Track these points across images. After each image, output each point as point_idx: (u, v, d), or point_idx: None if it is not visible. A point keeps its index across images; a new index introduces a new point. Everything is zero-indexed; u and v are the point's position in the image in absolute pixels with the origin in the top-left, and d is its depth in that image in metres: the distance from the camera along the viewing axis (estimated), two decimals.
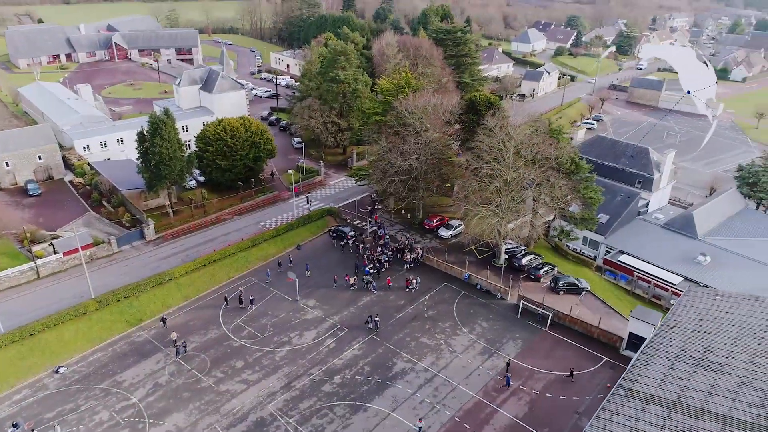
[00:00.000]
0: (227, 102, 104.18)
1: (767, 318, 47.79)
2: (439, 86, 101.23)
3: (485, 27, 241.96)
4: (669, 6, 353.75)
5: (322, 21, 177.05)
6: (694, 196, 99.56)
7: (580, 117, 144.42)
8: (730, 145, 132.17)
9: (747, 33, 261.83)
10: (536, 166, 68.18)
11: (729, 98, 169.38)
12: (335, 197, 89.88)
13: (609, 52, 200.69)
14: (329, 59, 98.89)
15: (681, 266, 71.35)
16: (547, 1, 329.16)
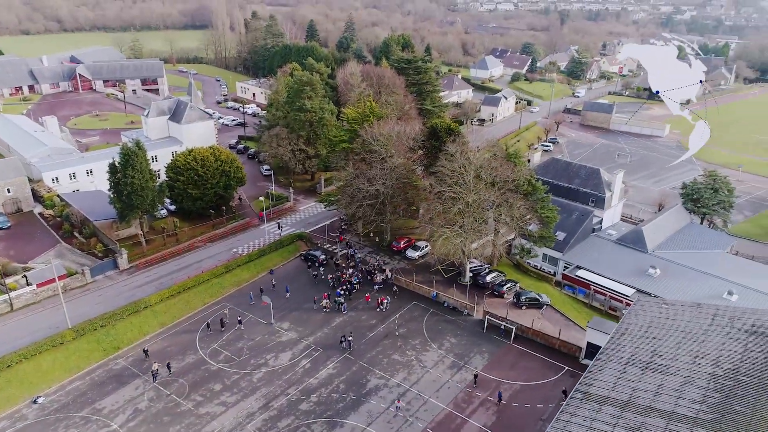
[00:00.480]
0: (196, 132, 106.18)
1: (707, 323, 52.40)
2: (402, 113, 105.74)
3: (445, 54, 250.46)
4: (618, 32, 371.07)
5: (287, 51, 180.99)
6: (645, 213, 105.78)
7: (537, 140, 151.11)
8: (677, 164, 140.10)
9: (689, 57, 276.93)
10: (495, 189, 72.49)
11: (675, 119, 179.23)
12: (305, 222, 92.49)
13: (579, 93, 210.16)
14: (296, 89, 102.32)
15: (633, 279, 76.20)
16: (503, 29, 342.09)
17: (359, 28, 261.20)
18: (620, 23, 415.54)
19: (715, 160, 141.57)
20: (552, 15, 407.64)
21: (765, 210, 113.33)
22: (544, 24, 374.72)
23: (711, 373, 44.88)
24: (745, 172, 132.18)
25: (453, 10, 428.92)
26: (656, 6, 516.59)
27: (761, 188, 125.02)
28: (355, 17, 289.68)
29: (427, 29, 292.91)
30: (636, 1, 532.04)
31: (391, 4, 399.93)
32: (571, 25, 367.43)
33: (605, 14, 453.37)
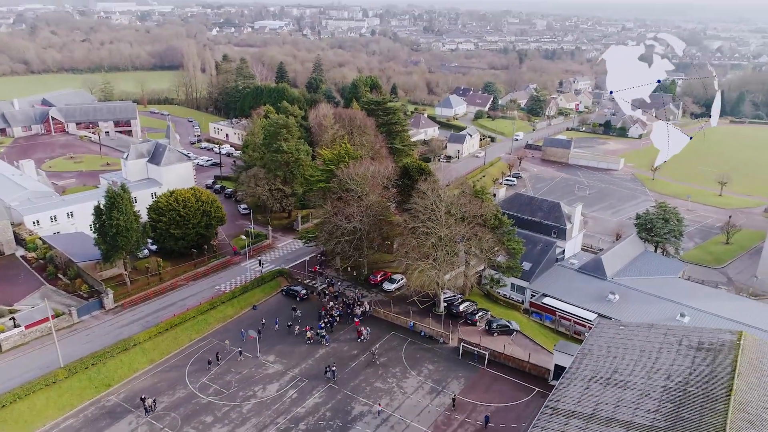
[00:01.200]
0: (175, 173, 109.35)
1: (660, 341, 58.01)
2: (374, 153, 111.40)
3: (410, 93, 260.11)
4: (573, 70, 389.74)
5: (258, 92, 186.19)
6: (603, 242, 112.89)
7: (502, 175, 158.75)
8: (632, 195, 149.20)
9: None
10: (465, 223, 77.91)
11: (628, 153, 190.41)
12: (284, 258, 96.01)
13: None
14: (273, 132, 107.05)
15: (595, 304, 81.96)
16: (465, 68, 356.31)
17: (327, 68, 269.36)
18: (575, 62, 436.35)
19: (665, 191, 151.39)
20: (511, 54, 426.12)
21: (713, 237, 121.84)
22: (503, 63, 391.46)
23: (664, 386, 50.13)
24: (694, 202, 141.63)
25: (416, 49, 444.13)
26: (608, 45, 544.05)
27: (709, 217, 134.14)
28: (323, 57, 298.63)
29: (393, 69, 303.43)
30: (588, 41, 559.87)
31: (356, 45, 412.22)
32: (529, 64, 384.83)
33: (561, 53, 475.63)
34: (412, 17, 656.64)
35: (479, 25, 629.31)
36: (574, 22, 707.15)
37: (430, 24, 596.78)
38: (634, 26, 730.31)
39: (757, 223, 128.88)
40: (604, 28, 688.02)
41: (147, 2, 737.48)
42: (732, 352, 53.24)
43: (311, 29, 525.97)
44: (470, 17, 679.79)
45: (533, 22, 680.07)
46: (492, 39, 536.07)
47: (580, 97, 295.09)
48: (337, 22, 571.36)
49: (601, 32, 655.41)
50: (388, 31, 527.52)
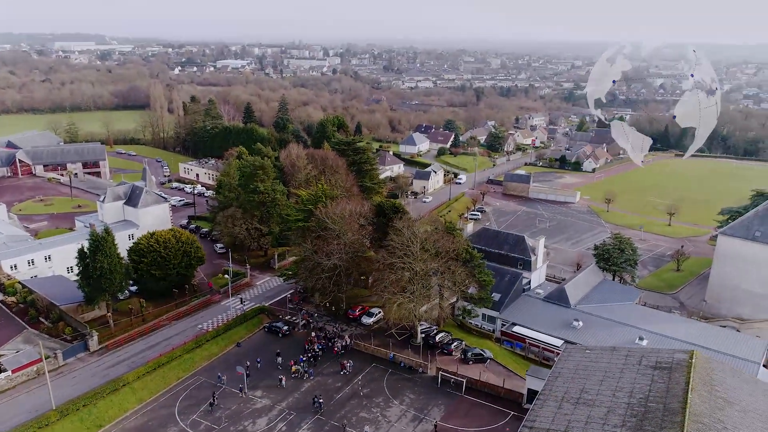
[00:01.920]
0: (152, 215, 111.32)
1: (622, 362, 63.55)
2: (346, 192, 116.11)
3: (374, 131, 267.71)
4: (528, 107, 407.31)
5: (227, 132, 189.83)
6: (565, 272, 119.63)
7: (467, 210, 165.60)
8: (589, 227, 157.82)
9: (591, 130, 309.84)
10: (439, 258, 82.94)
11: (584, 186, 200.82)
12: (264, 296, 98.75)
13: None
14: (249, 173, 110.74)
15: (561, 331, 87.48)
16: (426, 105, 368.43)
17: (292, 107, 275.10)
18: (529, 99, 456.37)
19: (619, 222, 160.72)
20: (468, 92, 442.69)
21: (665, 265, 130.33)
22: (462, 100, 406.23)
23: (627, 403, 55.33)
24: (646, 232, 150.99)
25: (377, 87, 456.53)
26: (559, 83, 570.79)
27: (661, 246, 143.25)
28: (287, 96, 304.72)
29: (356, 107, 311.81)
30: (541, 79, 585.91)
31: (318, 83, 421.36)
32: (486, 101, 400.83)
33: (515, 90, 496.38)
34: (371, 56, 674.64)
35: (437, 63, 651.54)
36: (526, 61, 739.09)
37: (390, 63, 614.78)
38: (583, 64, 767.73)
39: (704, 250, 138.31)
40: (555, 66, 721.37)
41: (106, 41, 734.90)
42: (685, 370, 59.05)
43: (273, 68, 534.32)
44: (428, 56, 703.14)
45: (488, 60, 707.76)
46: (449, 77, 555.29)
47: (536, 132, 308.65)
48: (299, 61, 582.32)
49: (552, 70, 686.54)
50: (349, 70, 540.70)
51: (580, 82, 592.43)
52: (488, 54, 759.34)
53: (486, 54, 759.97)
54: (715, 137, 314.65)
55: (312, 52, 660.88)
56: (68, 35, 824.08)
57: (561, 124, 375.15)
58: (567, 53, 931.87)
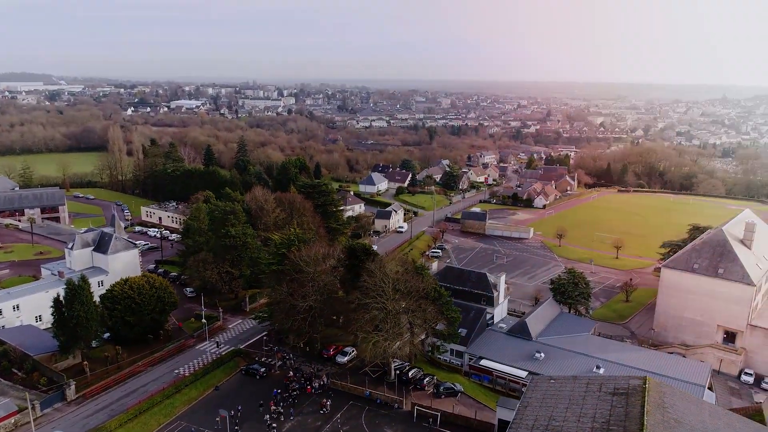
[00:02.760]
0: (121, 261, 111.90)
1: (584, 390, 69.20)
2: (314, 233, 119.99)
3: (333, 171, 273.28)
4: (479, 145, 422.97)
5: (188, 175, 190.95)
6: (525, 306, 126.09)
7: (428, 247, 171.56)
8: (544, 262, 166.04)
9: (539, 168, 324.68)
10: (410, 297, 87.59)
11: (536, 222, 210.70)
12: (238, 338, 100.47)
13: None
14: (220, 218, 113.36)
15: (525, 363, 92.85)
16: (381, 145, 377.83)
17: (250, 148, 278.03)
18: (479, 137, 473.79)
19: (571, 256, 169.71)
20: (421, 131, 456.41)
21: (615, 296, 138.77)
22: (415, 139, 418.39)
23: (591, 427, 60.72)
24: (596, 265, 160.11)
25: (333, 127, 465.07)
26: (506, 122, 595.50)
27: (610, 278, 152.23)
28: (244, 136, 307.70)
29: (314, 147, 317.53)
30: (489, 118, 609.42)
31: (274, 124, 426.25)
32: (439, 140, 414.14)
33: (466, 129, 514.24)
34: (325, 96, 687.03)
35: (389, 103, 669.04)
36: (475, 100, 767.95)
37: (344, 103, 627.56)
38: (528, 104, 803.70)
39: (650, 281, 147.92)
40: (502, 105, 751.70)
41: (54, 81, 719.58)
42: (640, 395, 65.15)
43: (229, 108, 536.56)
44: (380, 96, 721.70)
45: (438, 100, 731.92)
46: (402, 116, 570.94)
47: (488, 170, 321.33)
48: (254, 101, 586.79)
49: (499, 109, 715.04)
50: (304, 110, 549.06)
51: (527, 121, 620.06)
52: (439, 94, 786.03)
53: (436, 94, 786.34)
54: (653, 173, 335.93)
55: (266, 92, 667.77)
56: (14, 75, 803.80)
57: (511, 162, 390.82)
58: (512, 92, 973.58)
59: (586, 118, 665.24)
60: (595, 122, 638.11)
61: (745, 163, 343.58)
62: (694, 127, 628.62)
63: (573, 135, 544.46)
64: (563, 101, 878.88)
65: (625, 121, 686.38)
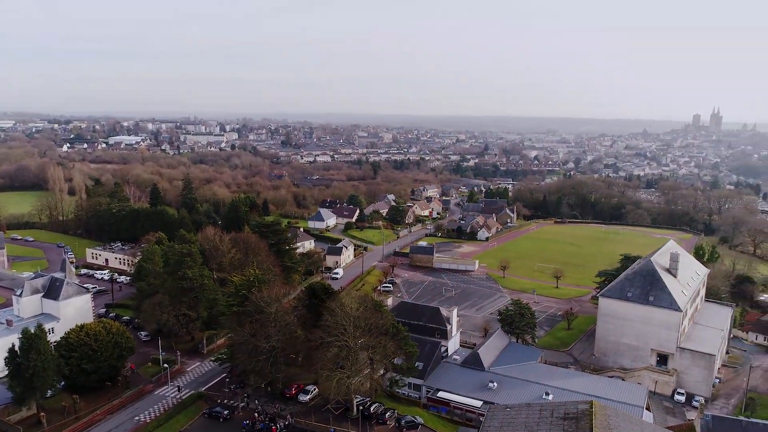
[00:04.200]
0: (73, 307, 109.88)
1: (537, 416, 74.57)
2: (272, 273, 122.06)
3: (281, 208, 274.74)
4: (421, 179, 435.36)
5: (135, 215, 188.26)
6: (475, 338, 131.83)
7: (379, 282, 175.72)
8: (490, 293, 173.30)
9: (481, 201, 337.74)
10: (370, 334, 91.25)
11: (480, 254, 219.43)
12: (198, 381, 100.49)
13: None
14: (176, 260, 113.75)
15: (479, 393, 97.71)
16: (327, 180, 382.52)
17: (196, 185, 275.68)
18: (421, 171, 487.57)
19: (515, 287, 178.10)
20: (365, 166, 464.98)
21: (557, 324, 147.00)
22: (360, 174, 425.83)
23: None
24: (539, 295, 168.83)
25: (277, 162, 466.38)
26: (447, 156, 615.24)
27: (552, 307, 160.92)
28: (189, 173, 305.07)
29: (260, 184, 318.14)
30: (430, 152, 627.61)
31: (218, 159, 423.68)
32: (383, 175, 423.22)
33: (408, 163, 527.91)
34: (268, 131, 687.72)
35: (332, 138, 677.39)
36: (415, 135, 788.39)
37: (288, 138, 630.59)
38: (466, 137, 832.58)
39: (588, 309, 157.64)
40: (441, 139, 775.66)
41: None
42: (588, 419, 71.10)
43: (170, 144, 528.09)
44: (323, 131, 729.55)
45: (380, 135, 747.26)
46: (346, 151, 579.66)
47: (432, 204, 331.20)
48: (196, 137, 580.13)
49: (439, 143, 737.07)
50: (247, 145, 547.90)
51: (465, 155, 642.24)
52: (380, 128, 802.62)
53: (378, 128, 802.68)
54: (585, 204, 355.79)
55: (208, 128, 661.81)
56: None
57: (453, 195, 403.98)
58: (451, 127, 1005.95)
59: (521, 152, 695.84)
60: (530, 155, 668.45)
61: (666, 194, 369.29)
62: (619, 159, 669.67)
63: (510, 168, 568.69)
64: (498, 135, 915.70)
65: (557, 154, 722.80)
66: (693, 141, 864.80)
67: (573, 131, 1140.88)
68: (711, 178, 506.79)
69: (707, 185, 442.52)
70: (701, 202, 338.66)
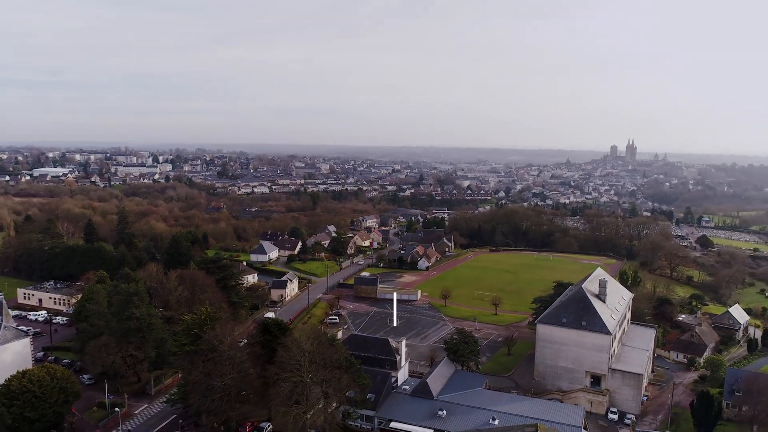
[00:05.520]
0: (11, 352, 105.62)
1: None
2: (224, 310, 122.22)
3: (221, 241, 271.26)
4: (360, 210, 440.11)
5: (70, 252, 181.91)
6: (422, 367, 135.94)
7: (325, 315, 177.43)
8: (434, 322, 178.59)
9: (419, 231, 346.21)
10: (324, 368, 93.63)
11: (422, 284, 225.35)
12: (147, 424, 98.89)
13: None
14: (124, 300, 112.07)
15: (430, 422, 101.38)
16: (266, 212, 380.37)
17: (132, 219, 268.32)
18: (360, 201, 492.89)
19: (456, 315, 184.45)
20: (304, 197, 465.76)
21: (498, 350, 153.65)
22: (299, 205, 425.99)
23: None
24: (480, 323, 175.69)
25: (214, 194, 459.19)
26: (384, 186, 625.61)
27: (492, 333, 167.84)
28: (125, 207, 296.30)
29: (198, 216, 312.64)
30: (367, 182, 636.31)
31: (152, 192, 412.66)
32: (322, 206, 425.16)
33: (346, 194, 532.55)
34: (204, 162, 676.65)
35: (269, 169, 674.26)
36: (352, 165, 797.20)
37: (224, 168, 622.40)
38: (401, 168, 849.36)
39: (526, 334, 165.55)
40: (378, 170, 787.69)
41: None
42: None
43: (100, 176, 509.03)
44: (260, 161, 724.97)
45: (318, 165, 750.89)
46: (284, 182, 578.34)
47: (372, 234, 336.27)
48: (128, 168, 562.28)
49: (375, 174, 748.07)
50: (182, 177, 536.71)
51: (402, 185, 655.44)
52: (317, 159, 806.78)
53: (315, 159, 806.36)
54: (518, 233, 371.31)
55: (140, 159, 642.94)
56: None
57: (392, 225, 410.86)
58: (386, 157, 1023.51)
59: (454, 182, 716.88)
60: (463, 185, 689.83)
61: (591, 221, 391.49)
62: (546, 188, 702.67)
63: (445, 197, 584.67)
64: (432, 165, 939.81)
65: (489, 183, 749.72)
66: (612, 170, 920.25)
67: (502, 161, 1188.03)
68: (629, 205, 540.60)
69: (626, 212, 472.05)
70: (622, 229, 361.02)
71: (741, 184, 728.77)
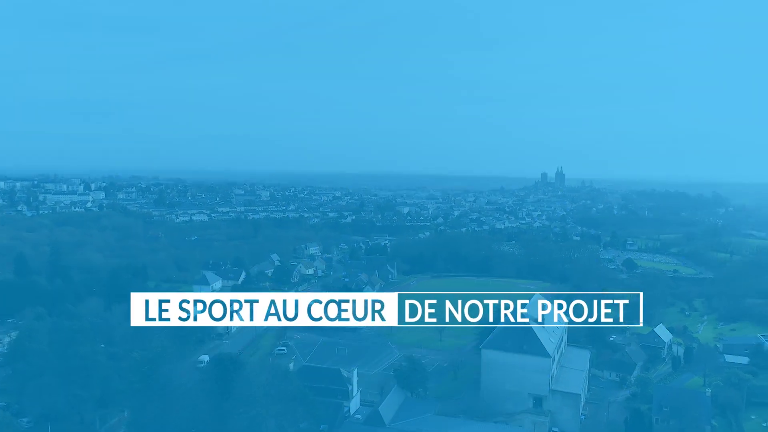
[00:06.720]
0: None
1: None
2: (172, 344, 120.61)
3: (161, 272, 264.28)
4: (302, 237, 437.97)
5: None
6: (373, 395, 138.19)
7: (273, 346, 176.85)
8: (382, 350, 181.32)
9: (362, 258, 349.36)
10: (279, 401, 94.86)
11: None
12: None
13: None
14: (66, 338, 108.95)
15: None
16: (207, 241, 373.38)
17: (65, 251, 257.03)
18: (302, 228, 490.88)
19: (405, 341, 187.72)
20: (245, 225, 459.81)
21: (446, 375, 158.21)
22: (240, 233, 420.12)
23: None
24: (426, 349, 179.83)
25: (151, 222, 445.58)
26: (325, 213, 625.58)
27: (438, 359, 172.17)
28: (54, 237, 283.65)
29: (136, 247, 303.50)
30: (309, 209, 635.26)
31: (85, 221, 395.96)
32: (263, 233, 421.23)
33: (288, 221, 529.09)
34: (139, 190, 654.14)
35: (208, 196, 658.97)
36: (292, 192, 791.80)
37: (161, 196, 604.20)
38: (342, 194, 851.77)
39: (471, 359, 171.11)
40: (319, 197, 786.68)
41: None
42: None
43: (27, 205, 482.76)
44: (198, 189, 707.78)
45: (258, 192, 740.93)
46: (223, 210, 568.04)
47: (316, 262, 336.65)
48: (57, 197, 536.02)
49: (316, 201, 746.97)
50: (117, 205, 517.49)
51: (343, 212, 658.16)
52: (257, 186, 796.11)
53: (255, 186, 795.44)
54: (458, 258, 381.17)
55: (71, 186, 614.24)
56: None
57: (335, 252, 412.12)
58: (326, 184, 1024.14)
59: (394, 208, 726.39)
60: (403, 211, 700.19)
61: (526, 246, 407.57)
62: (482, 213, 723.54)
63: (386, 224, 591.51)
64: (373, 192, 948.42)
65: (428, 209, 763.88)
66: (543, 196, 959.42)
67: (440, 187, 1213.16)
68: (560, 229, 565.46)
69: (558, 237, 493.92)
70: (555, 253, 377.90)
71: (660, 209, 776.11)
